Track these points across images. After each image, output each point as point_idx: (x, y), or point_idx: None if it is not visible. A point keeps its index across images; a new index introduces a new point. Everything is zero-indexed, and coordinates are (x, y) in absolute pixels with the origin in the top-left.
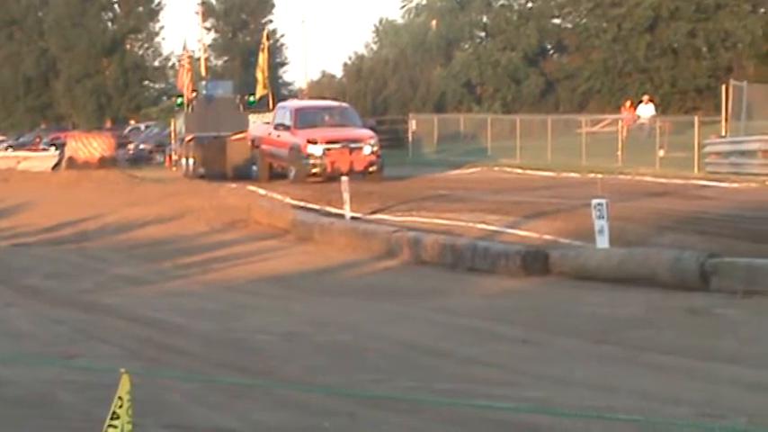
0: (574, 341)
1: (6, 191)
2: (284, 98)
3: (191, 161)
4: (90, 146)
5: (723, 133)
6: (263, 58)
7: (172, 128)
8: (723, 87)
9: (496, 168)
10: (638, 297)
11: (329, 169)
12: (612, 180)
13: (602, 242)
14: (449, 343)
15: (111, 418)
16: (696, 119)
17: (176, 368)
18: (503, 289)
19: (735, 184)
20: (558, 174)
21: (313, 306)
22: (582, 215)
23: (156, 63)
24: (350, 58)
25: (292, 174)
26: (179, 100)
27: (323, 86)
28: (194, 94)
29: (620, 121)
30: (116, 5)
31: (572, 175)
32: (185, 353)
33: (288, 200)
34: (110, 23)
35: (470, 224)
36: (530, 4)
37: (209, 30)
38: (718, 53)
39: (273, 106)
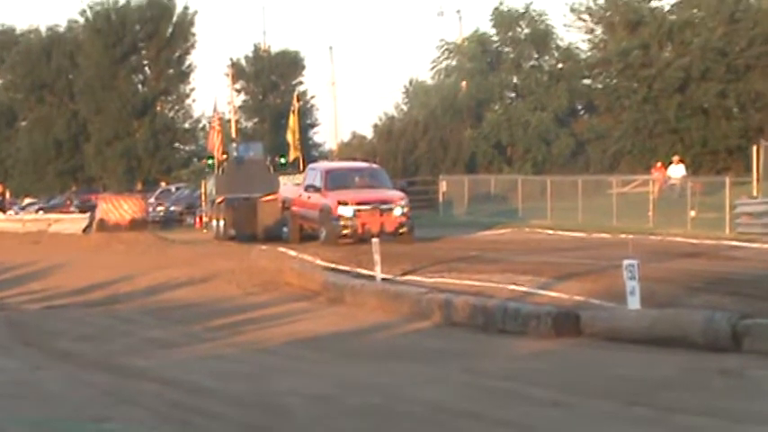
0: (605, 403)
1: (38, 253)
2: (314, 159)
3: (221, 223)
4: (121, 208)
5: (754, 194)
6: (293, 120)
7: (202, 190)
8: (754, 148)
9: (527, 229)
10: (670, 358)
11: (360, 231)
12: (643, 241)
13: (634, 303)
14: (479, 405)
15: None
16: (727, 179)
17: (207, 431)
18: (534, 350)
19: (766, 245)
20: (589, 234)
21: (344, 368)
22: (613, 276)
23: (187, 125)
24: (380, 119)
25: (323, 235)
26: (209, 162)
27: (353, 148)
28: (225, 156)
29: (651, 182)
30: (146, 68)
31: (603, 235)
32: (216, 416)
33: (318, 261)
34: (140, 86)
35: (501, 285)
36: (560, 65)
37: (239, 92)
38: (749, 114)
39: (304, 168)
